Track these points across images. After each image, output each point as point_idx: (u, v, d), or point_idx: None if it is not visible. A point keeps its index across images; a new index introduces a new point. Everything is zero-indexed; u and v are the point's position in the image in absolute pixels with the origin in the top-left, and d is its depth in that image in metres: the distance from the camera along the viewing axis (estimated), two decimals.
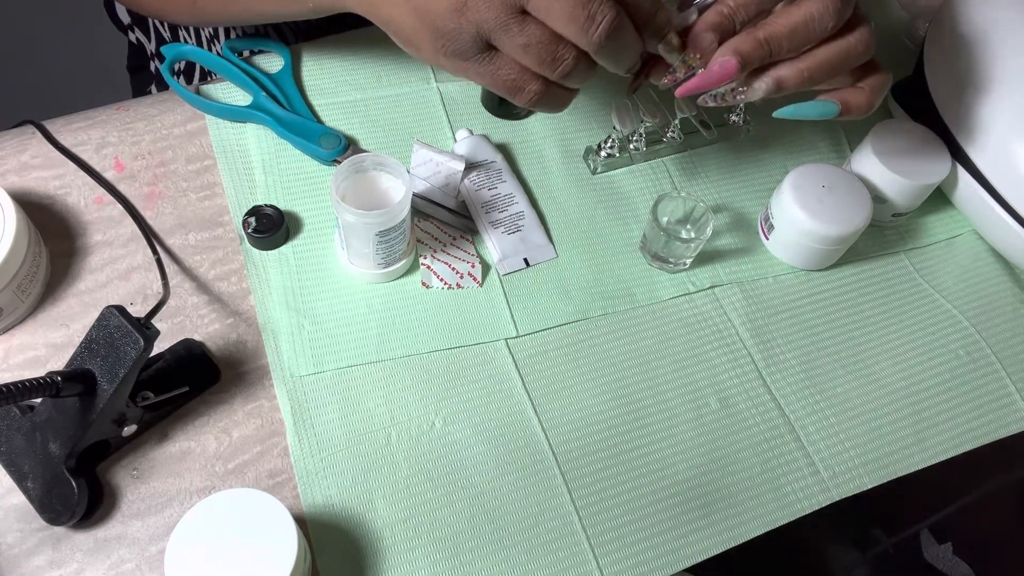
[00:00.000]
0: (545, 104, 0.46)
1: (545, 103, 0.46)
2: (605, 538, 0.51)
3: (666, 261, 0.61)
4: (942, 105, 0.64)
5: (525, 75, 0.44)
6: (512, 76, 0.44)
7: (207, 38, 0.75)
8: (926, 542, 0.96)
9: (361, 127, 0.64)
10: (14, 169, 0.58)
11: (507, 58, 0.44)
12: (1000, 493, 0.97)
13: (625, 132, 0.64)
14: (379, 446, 0.52)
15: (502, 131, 0.66)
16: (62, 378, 0.43)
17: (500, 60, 0.44)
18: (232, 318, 0.55)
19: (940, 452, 0.57)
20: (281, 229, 0.57)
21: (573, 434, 0.54)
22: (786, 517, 0.54)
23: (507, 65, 0.44)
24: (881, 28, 0.80)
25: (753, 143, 0.70)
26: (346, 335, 0.55)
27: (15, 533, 0.47)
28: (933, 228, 0.68)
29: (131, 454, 0.50)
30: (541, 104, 0.46)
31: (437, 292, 0.58)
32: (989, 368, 0.61)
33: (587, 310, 0.59)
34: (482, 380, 0.55)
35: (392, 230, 0.53)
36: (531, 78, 0.44)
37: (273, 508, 0.43)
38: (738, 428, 0.56)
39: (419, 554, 0.49)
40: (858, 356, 0.60)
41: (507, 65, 0.44)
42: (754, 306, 0.61)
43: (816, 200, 0.60)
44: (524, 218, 0.61)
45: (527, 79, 0.44)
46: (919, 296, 0.64)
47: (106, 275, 0.55)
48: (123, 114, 0.62)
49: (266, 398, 0.53)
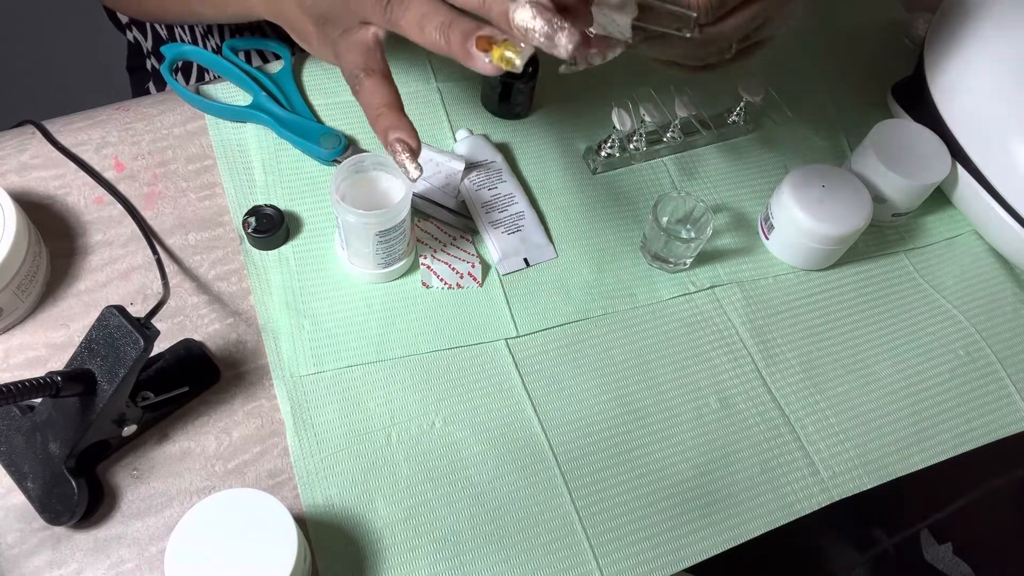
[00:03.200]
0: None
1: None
2: (605, 538, 0.51)
3: (666, 261, 0.61)
4: (942, 105, 0.64)
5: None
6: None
7: (201, 35, 0.75)
8: (926, 542, 0.96)
9: (361, 127, 0.64)
10: (14, 169, 0.58)
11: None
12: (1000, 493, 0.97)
13: (625, 132, 0.64)
14: (379, 446, 0.52)
15: (502, 131, 0.66)
16: (62, 378, 0.43)
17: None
18: (232, 318, 0.55)
19: (940, 452, 0.57)
20: (281, 229, 0.57)
21: (573, 434, 0.54)
22: (786, 517, 0.54)
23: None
24: (881, 28, 0.80)
25: (753, 143, 0.70)
26: (346, 335, 0.55)
27: (15, 533, 0.47)
28: (933, 228, 0.68)
29: (131, 454, 0.50)
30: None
31: (437, 292, 0.58)
32: (989, 368, 0.61)
33: (587, 310, 0.59)
34: (482, 380, 0.55)
35: (392, 230, 0.53)
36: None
37: (273, 508, 0.43)
38: (738, 428, 0.56)
39: (419, 554, 0.49)
40: (858, 356, 0.60)
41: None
42: (754, 306, 0.61)
43: (816, 200, 0.60)
44: (524, 218, 0.61)
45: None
46: (919, 296, 0.64)
47: (106, 275, 0.55)
48: (123, 114, 0.62)
49: (266, 398, 0.53)
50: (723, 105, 0.69)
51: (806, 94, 0.74)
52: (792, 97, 0.72)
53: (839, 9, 0.81)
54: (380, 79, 0.46)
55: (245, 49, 0.71)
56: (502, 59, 0.38)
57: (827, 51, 0.77)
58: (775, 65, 0.74)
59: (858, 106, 0.73)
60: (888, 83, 0.73)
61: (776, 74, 0.73)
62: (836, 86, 0.75)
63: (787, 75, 0.74)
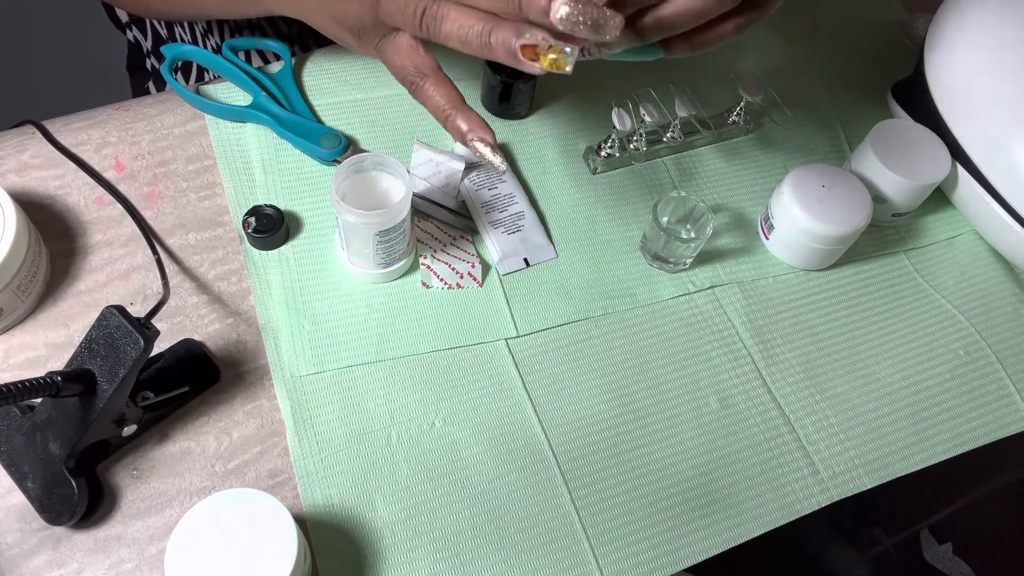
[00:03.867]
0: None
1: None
2: (605, 538, 0.51)
3: (666, 261, 0.61)
4: (942, 105, 0.64)
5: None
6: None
7: (201, 34, 0.75)
8: (926, 542, 0.96)
9: (361, 127, 0.64)
10: (14, 169, 0.58)
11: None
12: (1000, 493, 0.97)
13: (625, 132, 0.64)
14: (379, 446, 0.52)
15: (502, 131, 0.66)
16: (62, 378, 0.43)
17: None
18: (232, 318, 0.55)
19: (940, 452, 0.57)
20: (281, 229, 0.57)
21: (573, 434, 0.54)
22: (786, 517, 0.54)
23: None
24: (881, 28, 0.80)
25: (753, 143, 0.70)
26: (346, 335, 0.55)
27: (15, 533, 0.47)
28: (933, 228, 0.68)
29: (131, 454, 0.50)
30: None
31: (437, 292, 0.58)
32: (989, 368, 0.61)
33: (587, 310, 0.59)
34: (482, 380, 0.55)
35: (392, 230, 0.53)
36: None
37: (273, 508, 0.43)
38: (738, 428, 0.56)
39: (419, 554, 0.49)
40: (858, 356, 0.60)
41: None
42: (754, 306, 0.61)
43: (816, 200, 0.60)
44: (524, 218, 0.61)
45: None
46: (919, 296, 0.64)
47: (106, 275, 0.55)
48: (123, 114, 0.62)
49: (266, 398, 0.53)
50: (723, 105, 0.69)
51: (806, 94, 0.74)
52: (792, 97, 0.72)
53: (839, 9, 0.81)
54: (434, 79, 0.45)
55: (245, 49, 0.71)
56: (553, 64, 0.39)
57: (827, 51, 0.77)
58: (775, 65, 0.74)
59: (858, 106, 0.73)
60: (888, 83, 0.73)
61: (776, 74, 0.73)
62: (836, 86, 0.75)
63: (787, 75, 0.74)
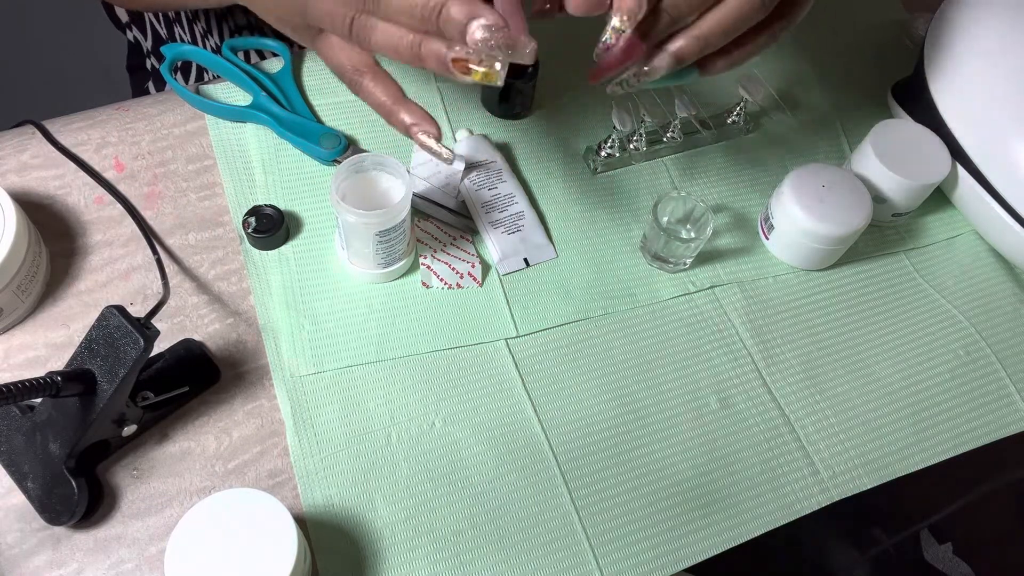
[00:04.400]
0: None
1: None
2: (605, 538, 0.51)
3: (666, 261, 0.61)
4: (942, 105, 0.64)
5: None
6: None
7: (201, 34, 0.75)
8: (926, 542, 0.96)
9: (361, 127, 0.64)
10: (14, 169, 0.58)
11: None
12: (1000, 493, 0.97)
13: (625, 132, 0.64)
14: (379, 446, 0.52)
15: (502, 131, 0.66)
16: (62, 378, 0.43)
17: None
18: (232, 318, 0.55)
19: (940, 452, 0.57)
20: (281, 229, 0.57)
21: (573, 434, 0.54)
22: (786, 517, 0.54)
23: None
24: (881, 28, 0.80)
25: (753, 143, 0.70)
26: (346, 335, 0.55)
27: (15, 533, 0.47)
28: (933, 228, 0.68)
29: (131, 454, 0.50)
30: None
31: (437, 292, 0.58)
32: (989, 368, 0.61)
33: (587, 310, 0.59)
34: (482, 380, 0.55)
35: (392, 230, 0.53)
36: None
37: (273, 508, 0.43)
38: (738, 428, 0.56)
39: (419, 554, 0.49)
40: (858, 356, 0.60)
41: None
42: (754, 306, 0.61)
43: (816, 200, 0.60)
44: (524, 218, 0.61)
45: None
46: (919, 296, 0.64)
47: (106, 275, 0.55)
48: (123, 114, 0.62)
49: (266, 398, 0.53)
50: (723, 105, 0.69)
51: (806, 94, 0.74)
52: (792, 97, 0.72)
53: (839, 9, 0.81)
54: (372, 75, 0.45)
55: (245, 49, 0.71)
56: (484, 77, 0.39)
57: (827, 51, 0.77)
58: (775, 65, 0.74)
59: (858, 106, 0.73)
60: (888, 83, 0.73)
61: (776, 74, 0.73)
62: (836, 86, 0.75)
63: (787, 75, 0.74)
